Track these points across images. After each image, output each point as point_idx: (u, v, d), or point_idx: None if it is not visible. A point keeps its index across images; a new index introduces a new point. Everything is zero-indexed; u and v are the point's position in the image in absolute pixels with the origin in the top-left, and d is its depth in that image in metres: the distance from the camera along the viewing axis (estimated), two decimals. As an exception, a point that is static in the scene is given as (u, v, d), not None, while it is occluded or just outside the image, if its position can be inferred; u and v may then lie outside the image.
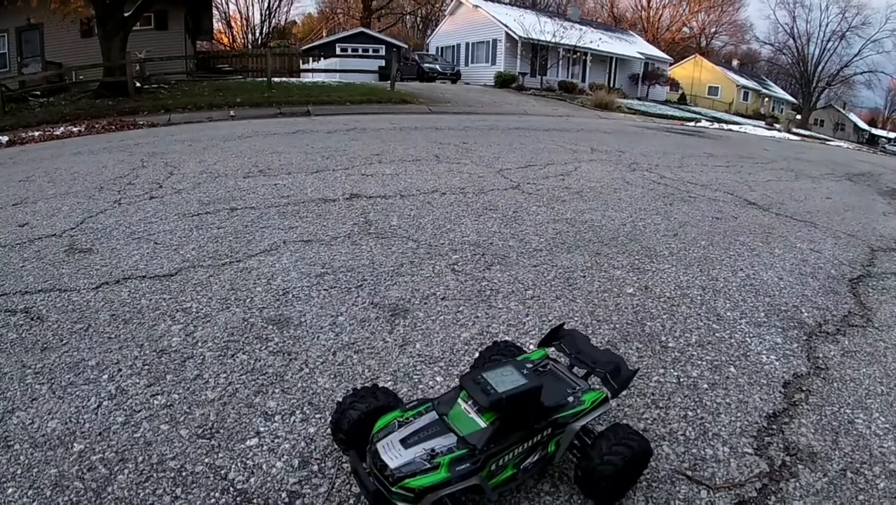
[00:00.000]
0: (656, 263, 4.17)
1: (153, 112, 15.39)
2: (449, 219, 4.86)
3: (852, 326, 3.43)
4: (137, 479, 1.88)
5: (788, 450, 2.24)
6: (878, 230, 5.89)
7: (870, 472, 2.14)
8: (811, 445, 2.28)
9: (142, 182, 6.20)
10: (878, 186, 9.54)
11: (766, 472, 2.10)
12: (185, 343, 2.76)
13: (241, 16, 50.40)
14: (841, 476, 2.11)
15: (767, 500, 1.96)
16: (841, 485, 2.06)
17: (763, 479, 2.06)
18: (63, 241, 4.21)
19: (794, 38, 51.41)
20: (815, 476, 2.10)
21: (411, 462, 1.59)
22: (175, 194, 5.59)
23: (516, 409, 1.70)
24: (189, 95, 18.01)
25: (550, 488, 1.94)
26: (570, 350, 2.17)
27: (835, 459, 2.21)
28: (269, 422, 2.20)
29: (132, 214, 4.87)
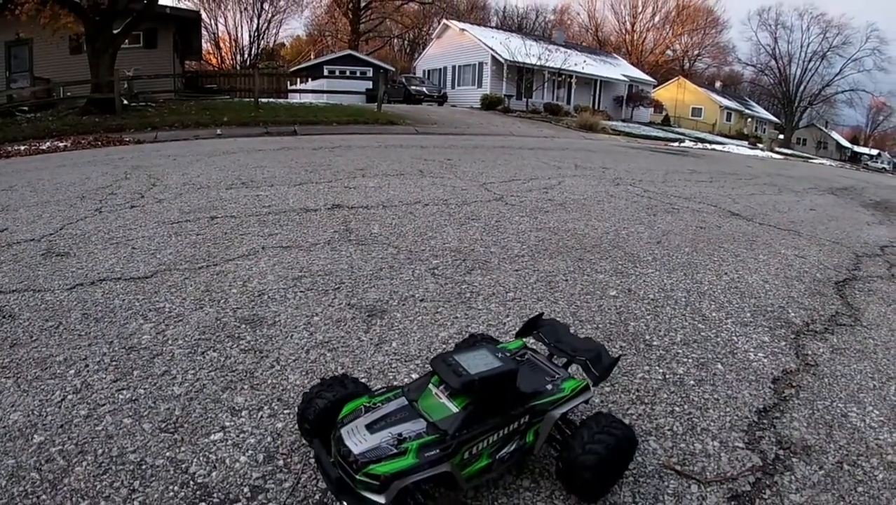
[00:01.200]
0: (640, 267, 4.14)
1: (140, 129, 15.33)
2: (430, 227, 4.82)
3: (840, 325, 3.42)
4: (95, 471, 1.81)
5: (781, 444, 2.19)
6: (862, 238, 5.92)
7: (867, 463, 2.10)
8: (804, 438, 2.24)
9: (124, 192, 6.14)
10: (861, 199, 9.63)
11: (760, 465, 2.05)
12: (156, 341, 2.70)
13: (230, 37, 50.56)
14: (837, 468, 2.06)
15: (762, 493, 1.91)
16: (838, 477, 2.01)
17: (756, 472, 2.01)
18: (41, 245, 4.14)
19: (776, 58, 52.48)
20: (810, 469, 2.05)
21: (377, 447, 1.50)
22: (156, 204, 5.52)
23: (490, 392, 1.62)
24: (176, 114, 17.97)
25: (530, 484, 1.86)
26: (549, 339, 2.09)
27: (830, 451, 2.16)
28: (235, 417, 2.14)
29: (112, 222, 4.80)
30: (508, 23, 56.72)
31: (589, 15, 66.05)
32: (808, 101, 53.31)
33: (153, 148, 11.84)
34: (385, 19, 46.71)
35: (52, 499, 1.68)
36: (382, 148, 11.09)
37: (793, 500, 1.89)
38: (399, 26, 49.49)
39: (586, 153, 12.94)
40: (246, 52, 48.80)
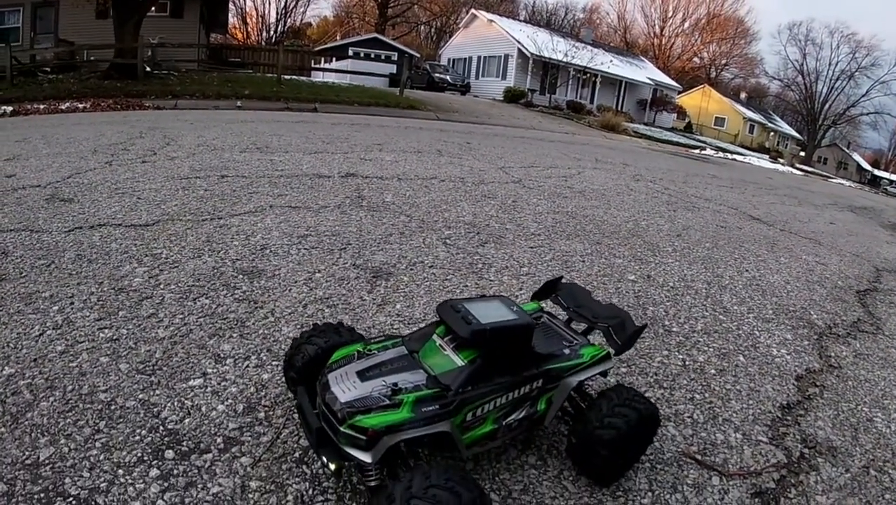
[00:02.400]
0: (659, 256, 3.99)
1: (161, 96, 15.24)
2: (445, 201, 4.67)
3: (863, 331, 3.28)
4: (61, 407, 1.70)
5: (806, 442, 2.06)
6: (882, 254, 5.74)
7: (893, 471, 1.96)
8: (830, 439, 2.10)
9: (137, 149, 6.03)
10: (880, 220, 9.42)
11: (784, 463, 1.92)
12: (147, 284, 2.58)
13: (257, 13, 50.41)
14: (864, 473, 1.93)
15: (787, 492, 1.77)
16: (865, 482, 1.88)
17: (781, 470, 1.87)
18: (46, 191, 4.04)
19: (803, 74, 51.64)
20: (836, 471, 1.91)
21: (367, 397, 1.33)
22: (168, 160, 5.41)
23: (502, 347, 1.44)
24: (198, 84, 17.87)
25: (536, 461, 1.71)
26: (569, 303, 1.91)
27: (856, 455, 2.03)
28: (219, 364, 2.01)
29: (121, 174, 4.70)
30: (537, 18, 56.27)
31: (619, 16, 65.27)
32: (832, 119, 52.55)
33: (172, 114, 11.77)
34: (413, 5, 46.48)
35: (11, 433, 1.58)
36: (402, 129, 10.95)
37: (819, 501, 1.75)
38: (427, 13, 49.20)
39: (607, 150, 12.75)
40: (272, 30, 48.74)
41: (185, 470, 1.52)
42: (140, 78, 17.34)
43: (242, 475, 1.52)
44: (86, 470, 1.48)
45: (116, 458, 1.53)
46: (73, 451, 1.54)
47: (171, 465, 1.53)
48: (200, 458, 1.56)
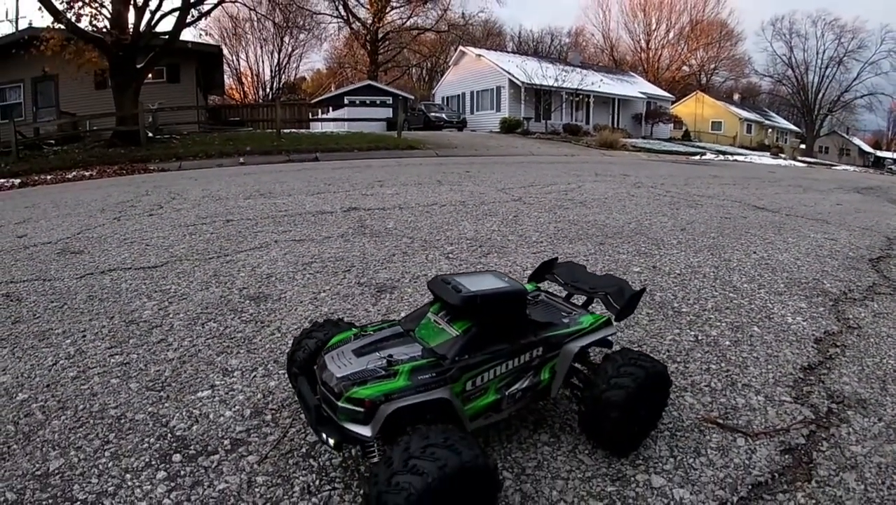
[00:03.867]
0: (664, 249, 3.98)
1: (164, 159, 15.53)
2: (447, 222, 4.71)
3: (879, 294, 3.24)
4: (72, 424, 1.73)
5: (833, 398, 2.02)
6: (892, 226, 5.68)
7: None
8: (857, 392, 2.07)
9: (143, 205, 6.15)
10: (887, 197, 9.32)
11: (812, 419, 1.88)
12: (157, 315, 2.63)
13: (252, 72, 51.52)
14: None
15: (819, 445, 1.73)
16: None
17: (809, 425, 1.84)
18: (57, 246, 4.14)
19: (793, 67, 51.97)
20: (869, 421, 1.88)
21: (363, 370, 1.33)
22: (174, 212, 5.51)
23: (495, 314, 1.44)
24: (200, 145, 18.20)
25: (549, 438, 1.69)
26: (565, 279, 1.91)
27: (887, 405, 1.99)
28: (226, 377, 2.04)
29: (129, 227, 4.79)
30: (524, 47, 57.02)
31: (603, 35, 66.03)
32: (827, 108, 52.65)
33: (177, 174, 11.98)
34: (402, 49, 47.34)
35: (23, 449, 1.61)
36: (402, 166, 11.09)
37: (854, 451, 1.71)
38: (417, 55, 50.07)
39: (606, 165, 12.80)
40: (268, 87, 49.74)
41: (192, 471, 1.53)
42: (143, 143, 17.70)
43: (249, 472, 1.52)
44: (94, 477, 1.49)
45: (125, 464, 1.54)
46: (82, 461, 1.56)
47: (178, 467, 1.54)
48: (207, 459, 1.57)
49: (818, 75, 51.33)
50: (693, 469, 1.60)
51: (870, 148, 62.58)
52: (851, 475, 1.60)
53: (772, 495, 1.52)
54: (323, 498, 1.43)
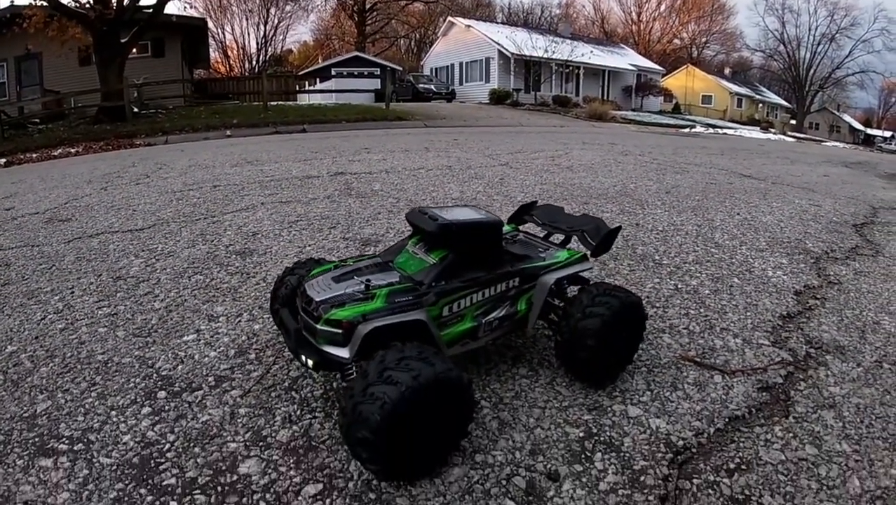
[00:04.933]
0: (648, 209, 4.01)
1: (151, 134, 15.35)
2: (433, 184, 4.72)
3: (861, 255, 3.29)
4: (59, 370, 1.77)
5: (811, 343, 2.08)
6: (878, 196, 5.73)
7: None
8: (836, 340, 2.12)
9: (130, 175, 6.11)
10: (875, 171, 9.35)
11: (790, 361, 1.94)
12: (144, 271, 2.64)
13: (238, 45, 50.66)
14: (877, 367, 1.94)
15: (797, 385, 1.79)
16: (879, 374, 1.89)
17: (787, 367, 1.90)
18: (45, 216, 4.12)
19: (785, 43, 51.61)
20: (848, 366, 1.93)
21: (341, 294, 1.36)
22: (161, 181, 5.48)
23: (471, 243, 1.48)
24: (186, 118, 18.00)
25: (528, 372, 1.74)
26: (543, 220, 1.95)
27: (866, 352, 2.05)
28: (212, 322, 2.07)
29: (116, 195, 4.77)
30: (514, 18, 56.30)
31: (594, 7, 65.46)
32: (818, 84, 52.41)
33: (163, 148, 11.89)
34: (391, 20, 46.71)
35: (11, 395, 1.64)
36: (390, 135, 11.03)
37: (832, 392, 1.77)
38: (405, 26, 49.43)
39: (595, 135, 12.79)
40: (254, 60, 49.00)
41: (177, 406, 1.56)
42: (129, 119, 17.49)
43: (232, 405, 1.56)
44: (80, 415, 1.53)
45: (110, 403, 1.58)
46: (69, 402, 1.59)
47: (162, 403, 1.58)
48: (192, 395, 1.61)
49: (810, 51, 51.09)
50: (670, 402, 1.65)
51: (860, 125, 62.61)
52: (829, 413, 1.65)
53: (749, 428, 1.57)
54: (303, 426, 1.47)
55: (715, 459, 1.44)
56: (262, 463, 1.35)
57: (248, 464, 1.35)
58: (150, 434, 1.45)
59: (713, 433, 1.54)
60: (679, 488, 1.34)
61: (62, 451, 1.39)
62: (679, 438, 1.51)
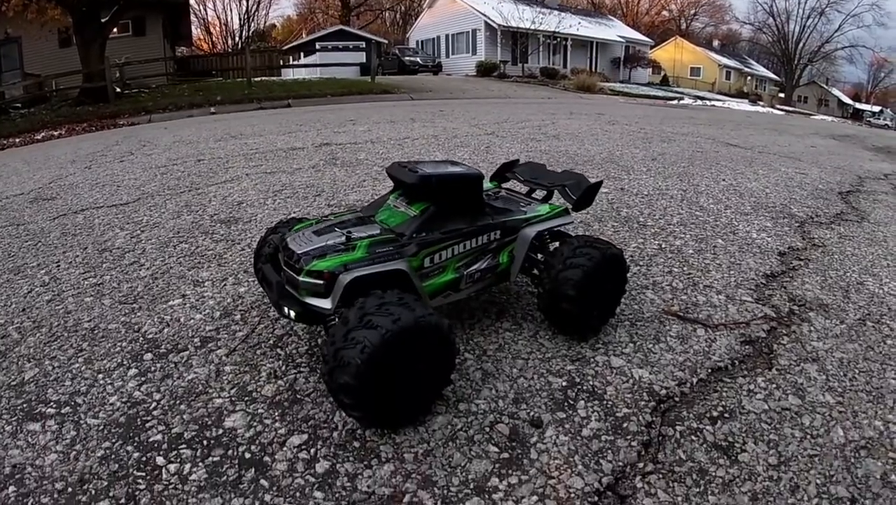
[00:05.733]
0: (633, 175, 4.02)
1: (134, 114, 15.16)
2: (418, 153, 4.71)
3: (846, 220, 3.32)
4: (47, 339, 1.78)
5: (795, 301, 2.11)
6: (864, 167, 5.75)
7: (893, 323, 2.01)
8: (819, 298, 2.16)
9: (114, 153, 6.04)
10: (863, 144, 9.38)
11: (773, 316, 1.97)
12: (129, 243, 2.64)
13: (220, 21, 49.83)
14: (860, 324, 1.98)
15: (780, 340, 1.82)
16: (863, 331, 1.93)
17: (771, 322, 1.93)
18: (29, 196, 4.07)
19: (774, 16, 51.29)
20: (831, 322, 1.97)
21: (322, 246, 1.37)
22: (145, 157, 5.43)
23: (451, 195, 1.49)
24: (169, 97, 17.77)
25: (511, 326, 1.77)
26: (526, 177, 1.96)
27: (850, 310, 2.08)
28: (197, 287, 2.09)
29: (100, 173, 4.72)
30: (501, -9, 55.76)
31: (582, -22, 64.79)
32: (807, 58, 52.20)
33: (147, 126, 11.77)
34: (375, -8, 46.20)
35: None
36: (375, 107, 10.94)
37: (816, 346, 1.80)
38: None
39: (582, 105, 12.74)
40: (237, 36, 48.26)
41: (163, 367, 1.58)
42: (111, 99, 17.25)
43: (217, 363, 1.58)
44: (68, 380, 1.54)
45: (97, 367, 1.59)
46: (56, 368, 1.60)
47: (148, 364, 1.59)
48: (178, 355, 1.63)
49: (799, 25, 50.78)
50: (653, 353, 1.68)
51: (849, 100, 62.56)
52: (813, 367, 1.69)
53: (732, 379, 1.60)
54: (288, 381, 1.49)
55: (698, 407, 1.48)
56: (248, 417, 1.37)
57: (234, 418, 1.37)
58: (136, 394, 1.46)
59: (696, 383, 1.57)
60: (662, 435, 1.37)
61: (49, 414, 1.40)
62: (662, 387, 1.54)
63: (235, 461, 1.24)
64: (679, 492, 1.20)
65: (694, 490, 1.21)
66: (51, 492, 1.17)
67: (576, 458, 1.27)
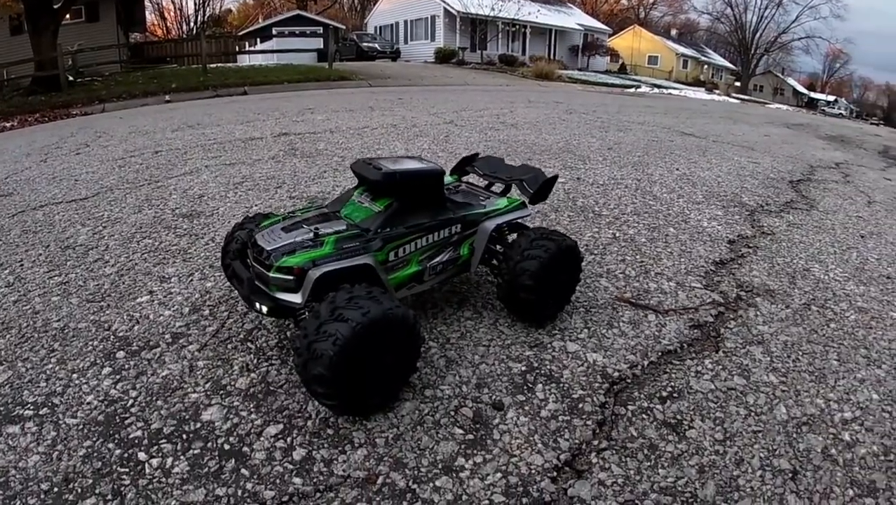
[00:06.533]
0: (590, 164, 4.14)
1: (87, 103, 14.76)
2: (378, 142, 4.75)
3: (796, 208, 3.48)
4: (17, 341, 1.78)
5: (742, 287, 2.24)
6: (817, 156, 5.97)
7: (836, 307, 2.15)
8: (766, 284, 2.29)
9: (69, 145, 5.91)
10: (816, 133, 9.69)
11: (721, 302, 2.10)
12: (92, 239, 2.64)
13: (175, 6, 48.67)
14: (805, 308, 2.12)
15: (727, 324, 1.95)
16: (807, 315, 2.06)
17: (718, 307, 2.05)
18: (-17, 195, 3.98)
19: (732, 6, 52.12)
20: (777, 307, 2.10)
21: (291, 243, 1.44)
22: (101, 149, 5.33)
23: (414, 191, 1.57)
24: (123, 85, 17.32)
25: (472, 315, 1.86)
26: (485, 170, 2.06)
27: (795, 295, 2.22)
28: (164, 283, 2.12)
29: (57, 166, 4.62)
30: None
31: (541, -34, 64.87)
32: (764, 48, 53.36)
33: (101, 116, 11.49)
34: (333, -22, 45.55)
35: None
36: (334, 95, 10.88)
37: (762, 330, 1.93)
38: (348, -16, 48.36)
39: (540, 93, 12.86)
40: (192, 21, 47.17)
41: (136, 364, 1.62)
42: (64, 88, 16.75)
43: (190, 359, 1.63)
44: (42, 381, 1.56)
45: (70, 367, 1.62)
46: (29, 370, 1.62)
47: (122, 362, 1.63)
48: (150, 352, 1.67)
49: (757, 15, 51.69)
50: (606, 338, 1.78)
51: (804, 89, 64.20)
52: (758, 349, 1.82)
53: (681, 361, 1.72)
54: (261, 373, 1.55)
55: (648, 388, 1.58)
56: (224, 410, 1.43)
57: (211, 411, 1.42)
58: (112, 392, 1.50)
59: (647, 366, 1.68)
60: (615, 414, 1.47)
61: (27, 417, 1.43)
62: (615, 370, 1.64)
63: (216, 453, 1.30)
64: (631, 466, 1.30)
65: (645, 464, 1.31)
66: (37, 493, 1.20)
67: (535, 437, 1.37)
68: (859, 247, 2.88)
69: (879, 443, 1.43)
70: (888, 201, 4.04)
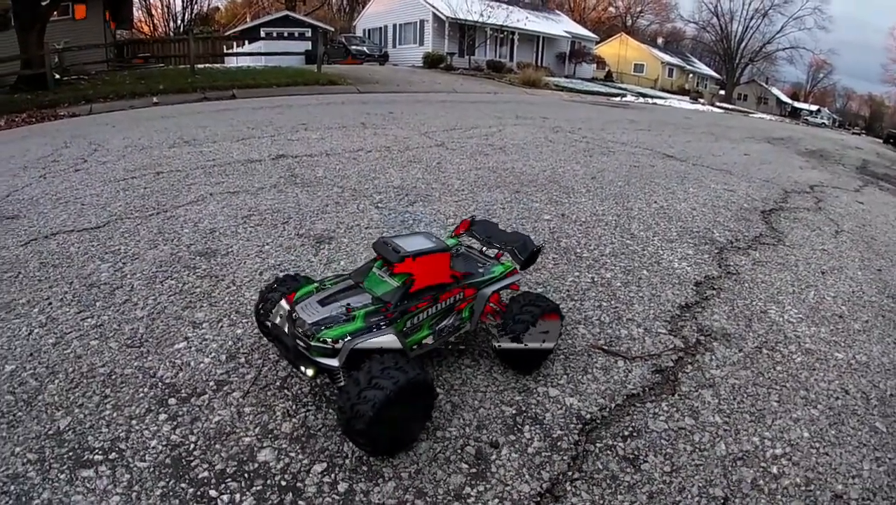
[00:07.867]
0: (574, 197, 4.42)
1: (74, 103, 14.75)
2: (374, 170, 5.00)
3: (763, 244, 3.78)
4: (67, 386, 1.97)
5: (702, 331, 2.53)
6: (793, 178, 6.31)
7: (785, 349, 2.45)
8: (724, 328, 2.58)
9: (66, 159, 6.06)
10: (796, 148, 10.07)
11: (682, 347, 2.39)
12: (114, 277, 2.84)
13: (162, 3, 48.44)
14: (756, 352, 2.41)
15: (685, 368, 2.24)
16: (757, 358, 2.36)
17: (679, 352, 2.35)
18: (-10, 211, 4.12)
19: (718, 16, 53.00)
20: (730, 351, 2.39)
21: (328, 317, 1.73)
22: (100, 165, 5.51)
23: (425, 266, 1.85)
24: (110, 85, 17.31)
25: (471, 362, 2.15)
26: (481, 235, 2.36)
27: (749, 339, 2.51)
28: (196, 329, 2.35)
29: (58, 185, 4.78)
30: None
31: (530, -29, 65.17)
32: (749, 57, 54.19)
33: (90, 119, 11.55)
34: (322, -21, 45.61)
35: (28, 414, 1.84)
36: (324, 105, 11.08)
37: (714, 374, 2.22)
38: (337, -14, 48.44)
39: (528, 106, 13.16)
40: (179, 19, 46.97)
41: (189, 410, 1.86)
42: (50, 87, 16.71)
43: (236, 405, 1.88)
44: (104, 427, 1.78)
45: (127, 413, 1.84)
46: (88, 416, 1.82)
47: (175, 408, 1.86)
48: (199, 399, 1.91)
49: (742, 25, 52.61)
50: (581, 383, 2.07)
51: (787, 98, 65.19)
52: (708, 392, 2.11)
53: (642, 404, 2.01)
54: (300, 418, 1.83)
55: (613, 428, 1.87)
56: (275, 451, 1.69)
57: (264, 453, 1.68)
58: (173, 437, 1.73)
59: (613, 408, 1.97)
60: (586, 450, 1.76)
61: (98, 461, 1.63)
62: (587, 412, 1.93)
63: (275, 488, 1.56)
64: (597, 493, 1.61)
65: (608, 492, 1.61)
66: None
67: (524, 470, 1.67)
68: (818, 285, 3.19)
69: (803, 475, 1.73)
70: (856, 230, 4.37)
